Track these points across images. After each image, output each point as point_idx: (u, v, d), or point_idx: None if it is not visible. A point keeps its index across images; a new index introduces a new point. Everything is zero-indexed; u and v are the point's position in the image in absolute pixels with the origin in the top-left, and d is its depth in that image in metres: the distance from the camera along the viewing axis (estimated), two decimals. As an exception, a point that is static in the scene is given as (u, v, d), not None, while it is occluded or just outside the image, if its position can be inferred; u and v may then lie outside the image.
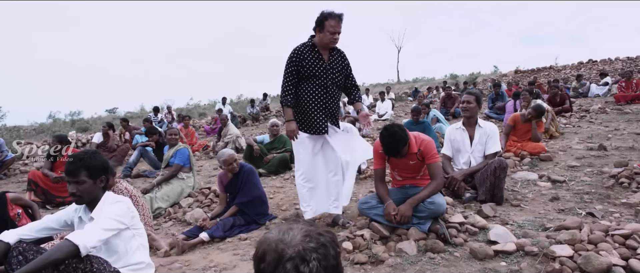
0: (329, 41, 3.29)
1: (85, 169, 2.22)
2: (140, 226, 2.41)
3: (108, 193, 2.33)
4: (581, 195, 3.80)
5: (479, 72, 28.51)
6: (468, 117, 4.05)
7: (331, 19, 3.22)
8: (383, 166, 3.34)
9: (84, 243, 1.97)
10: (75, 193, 2.22)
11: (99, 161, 2.31)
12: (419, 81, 29.19)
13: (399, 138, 3.01)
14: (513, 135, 5.58)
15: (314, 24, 3.33)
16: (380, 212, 3.11)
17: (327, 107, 3.43)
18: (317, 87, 3.37)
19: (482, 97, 4.47)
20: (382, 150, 3.15)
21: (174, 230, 4.21)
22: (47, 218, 2.38)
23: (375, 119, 12.48)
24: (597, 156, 5.01)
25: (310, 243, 0.93)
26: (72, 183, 2.22)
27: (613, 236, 2.64)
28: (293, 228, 0.97)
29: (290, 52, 3.38)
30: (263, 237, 1.00)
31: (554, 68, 21.85)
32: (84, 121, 21.15)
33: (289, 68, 3.35)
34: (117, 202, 2.27)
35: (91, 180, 2.25)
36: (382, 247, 2.91)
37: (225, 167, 3.91)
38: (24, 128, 18.45)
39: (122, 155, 8.23)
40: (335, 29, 3.24)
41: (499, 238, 2.82)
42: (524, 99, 6.92)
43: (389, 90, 16.79)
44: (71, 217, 2.36)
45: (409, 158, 3.21)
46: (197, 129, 14.31)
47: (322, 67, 3.36)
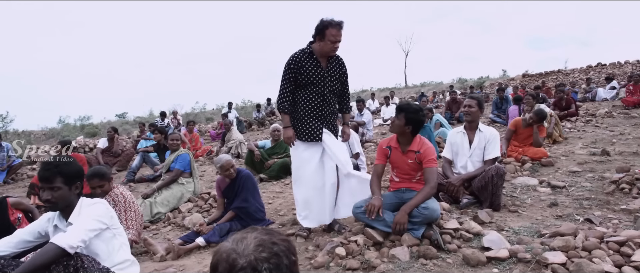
0: (329, 49, 3.26)
1: (61, 176, 2.22)
2: (118, 225, 2.43)
3: (83, 198, 2.34)
4: (580, 201, 3.75)
5: (487, 76, 28.38)
6: (469, 121, 4.04)
7: (332, 28, 3.17)
8: (384, 163, 3.37)
9: (69, 244, 1.99)
10: (50, 199, 2.21)
11: (74, 167, 2.31)
12: (426, 86, 29.09)
13: (416, 106, 3.21)
14: (514, 140, 5.54)
15: (313, 31, 3.29)
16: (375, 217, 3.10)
17: (324, 114, 3.42)
18: (314, 95, 3.36)
19: (484, 102, 4.44)
20: (409, 128, 3.18)
21: (172, 235, 4.23)
22: (19, 231, 2.38)
23: (380, 124, 12.47)
24: (599, 161, 4.95)
25: (262, 253, 0.93)
26: (47, 189, 2.21)
27: (608, 243, 2.60)
28: (247, 237, 0.97)
29: (288, 58, 3.36)
30: (218, 246, 1.01)
31: (562, 72, 21.66)
32: (93, 126, 21.41)
33: (286, 75, 3.34)
34: (95, 204, 2.30)
35: (66, 186, 2.24)
36: (375, 253, 2.90)
37: (222, 172, 3.93)
38: (35, 133, 18.75)
39: (127, 160, 8.32)
40: (336, 38, 3.21)
41: (492, 245, 2.80)
42: (528, 103, 6.86)
43: (393, 95, 16.76)
44: (45, 227, 2.35)
45: (408, 156, 3.23)
46: (203, 134, 14.42)
47: (320, 75, 3.34)
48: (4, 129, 11.65)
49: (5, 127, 12.01)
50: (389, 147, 3.37)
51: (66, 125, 21.30)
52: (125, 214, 3.48)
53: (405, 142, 3.27)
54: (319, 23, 3.22)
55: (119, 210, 3.46)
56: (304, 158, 3.44)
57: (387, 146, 3.38)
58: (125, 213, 3.49)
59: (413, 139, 3.25)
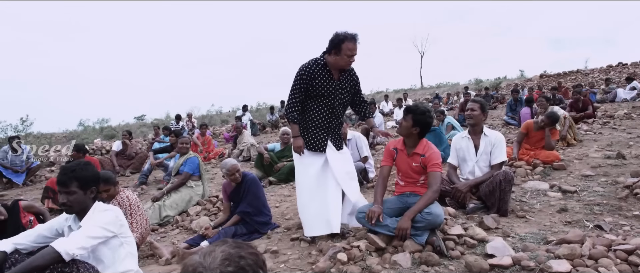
0: (345, 63, 3.24)
1: (77, 180, 2.28)
2: (129, 235, 2.46)
3: (98, 203, 2.39)
4: (591, 207, 3.66)
5: (504, 76, 27.99)
6: (472, 125, 3.99)
7: (348, 42, 3.14)
8: (390, 165, 3.35)
9: (66, 250, 2.03)
10: (66, 202, 2.28)
11: (90, 172, 2.37)
12: (442, 87, 28.83)
13: (424, 108, 3.19)
14: (526, 143, 5.43)
15: (328, 45, 3.23)
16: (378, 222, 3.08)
17: (330, 126, 3.43)
18: (324, 107, 3.36)
19: (487, 105, 4.38)
20: (418, 130, 3.15)
21: (180, 238, 4.28)
22: (40, 227, 2.46)
23: (393, 126, 12.39)
24: (614, 165, 4.81)
25: (228, 267, 0.94)
26: (64, 193, 2.27)
27: (615, 251, 2.53)
28: (215, 250, 0.98)
29: (300, 67, 3.31)
30: (187, 259, 1.02)
31: (581, 72, 21.19)
32: (111, 128, 21.83)
33: (297, 84, 3.31)
34: (105, 211, 2.33)
35: (82, 190, 2.30)
36: (376, 259, 2.88)
37: (227, 177, 3.97)
38: (56, 135, 19.25)
39: (140, 163, 8.45)
40: (352, 52, 3.18)
41: (496, 252, 2.75)
42: (541, 105, 6.71)
43: (406, 96, 16.65)
44: (62, 226, 2.43)
45: (413, 159, 3.21)
46: (217, 137, 14.57)
47: (331, 87, 3.33)
48: (24, 133, 11.96)
49: (26, 130, 12.32)
50: (395, 149, 3.35)
51: (86, 128, 21.79)
52: (131, 217, 3.54)
53: (411, 144, 3.25)
54: (334, 36, 3.19)
55: (129, 213, 3.52)
56: (306, 163, 3.45)
57: (393, 147, 3.36)
58: (130, 217, 3.54)
59: (419, 142, 3.23)
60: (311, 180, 3.43)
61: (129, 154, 8.56)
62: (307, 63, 3.31)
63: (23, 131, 12.05)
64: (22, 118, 12.39)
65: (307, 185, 3.46)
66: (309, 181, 3.45)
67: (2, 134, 11.43)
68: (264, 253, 3.35)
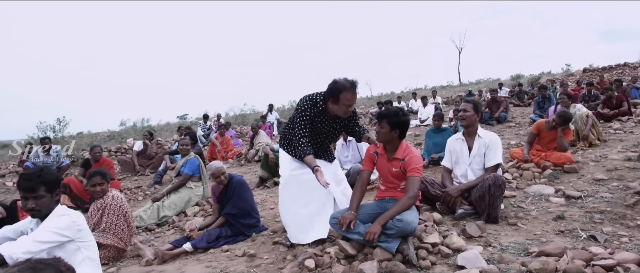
0: (343, 113, 3.24)
1: (44, 184, 2.33)
2: (89, 239, 2.50)
3: (58, 207, 2.44)
4: (592, 215, 3.37)
5: (549, 71, 26.61)
6: (466, 126, 3.79)
7: (346, 92, 3.12)
8: (370, 169, 3.28)
9: (10, 254, 2.09)
10: (35, 207, 2.32)
11: (54, 175, 2.44)
12: (482, 83, 27.85)
13: (395, 109, 3.10)
14: (537, 144, 5.10)
15: (327, 90, 3.22)
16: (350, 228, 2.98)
17: (321, 146, 3.51)
18: (317, 136, 3.41)
19: (481, 105, 4.13)
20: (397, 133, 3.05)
21: (172, 238, 4.35)
22: (5, 228, 2.55)
23: (417, 125, 12.07)
24: (632, 168, 4.41)
25: None
26: (32, 198, 2.32)
27: (593, 266, 2.31)
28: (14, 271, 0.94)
29: (303, 102, 3.30)
30: None
31: (629, 65, 19.74)
32: (150, 127, 22.70)
33: (302, 121, 3.28)
34: (62, 216, 2.37)
35: (49, 194, 2.36)
36: (343, 267, 2.79)
37: (213, 179, 3.98)
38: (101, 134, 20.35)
39: (159, 162, 8.69)
40: (350, 102, 3.18)
41: (466, 263, 2.58)
42: (562, 103, 6.27)
43: (435, 94, 16.12)
44: (27, 228, 2.50)
45: (393, 164, 3.11)
46: (243, 136, 14.78)
47: (329, 126, 3.40)
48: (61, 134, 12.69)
49: (62, 131, 13.06)
50: (376, 153, 3.25)
51: (126, 127, 22.80)
52: (116, 218, 3.62)
53: (391, 149, 3.15)
54: (332, 85, 3.17)
55: (107, 213, 3.61)
56: (293, 167, 3.44)
57: (374, 151, 3.27)
58: (116, 218, 3.63)
59: (399, 147, 3.12)
60: (300, 186, 3.40)
61: (149, 154, 8.84)
62: (309, 103, 3.29)
63: (60, 131, 12.75)
64: (58, 118, 13.12)
65: (294, 190, 3.42)
66: (290, 186, 3.43)
67: (41, 133, 12.14)
68: (242, 256, 3.33)
